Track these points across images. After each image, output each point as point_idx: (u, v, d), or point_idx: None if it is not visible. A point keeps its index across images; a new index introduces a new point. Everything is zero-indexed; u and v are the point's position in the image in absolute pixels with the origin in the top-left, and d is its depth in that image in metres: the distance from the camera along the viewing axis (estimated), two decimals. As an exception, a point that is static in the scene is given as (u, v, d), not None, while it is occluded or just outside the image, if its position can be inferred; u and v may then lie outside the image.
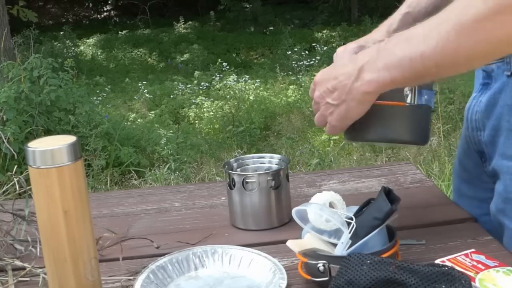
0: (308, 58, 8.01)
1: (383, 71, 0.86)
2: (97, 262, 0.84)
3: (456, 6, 0.80)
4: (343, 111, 0.93)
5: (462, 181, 1.17)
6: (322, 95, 0.95)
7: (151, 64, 9.62)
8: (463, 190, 1.17)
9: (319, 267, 0.83)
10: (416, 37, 0.83)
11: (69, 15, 15.12)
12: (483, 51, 0.80)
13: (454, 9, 0.80)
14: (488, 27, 0.77)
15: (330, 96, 0.94)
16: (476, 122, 1.04)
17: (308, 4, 12.33)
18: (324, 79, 0.97)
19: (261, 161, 1.18)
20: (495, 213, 1.02)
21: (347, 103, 0.92)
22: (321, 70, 0.99)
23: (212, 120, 5.91)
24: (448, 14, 0.80)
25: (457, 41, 0.79)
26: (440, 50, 0.80)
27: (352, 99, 0.91)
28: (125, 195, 1.35)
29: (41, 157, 0.77)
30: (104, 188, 4.20)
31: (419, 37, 0.83)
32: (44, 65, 4.67)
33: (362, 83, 0.89)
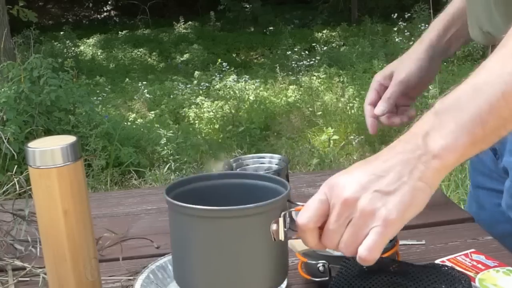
0: (308, 58, 8.01)
1: (459, 132, 0.66)
2: (97, 262, 0.84)
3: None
4: (407, 197, 0.66)
5: (480, 173, 1.16)
6: (357, 191, 0.67)
7: (151, 64, 9.62)
8: (481, 181, 1.16)
9: (319, 267, 0.83)
10: (486, 82, 0.68)
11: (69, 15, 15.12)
12: None
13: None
14: None
15: (379, 182, 0.67)
16: None
17: (308, 4, 12.33)
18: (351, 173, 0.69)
19: (261, 161, 1.18)
20: (505, 209, 1.03)
21: (411, 184, 0.66)
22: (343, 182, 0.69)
23: (212, 120, 5.91)
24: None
25: None
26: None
27: (419, 178, 0.66)
28: (125, 195, 1.35)
29: (41, 157, 0.77)
30: (104, 188, 4.20)
31: (491, 80, 0.68)
32: (44, 65, 4.67)
33: (435, 153, 0.66)
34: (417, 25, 8.15)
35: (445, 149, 0.66)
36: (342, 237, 0.68)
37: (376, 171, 0.68)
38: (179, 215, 0.72)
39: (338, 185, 0.68)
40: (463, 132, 0.66)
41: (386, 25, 9.62)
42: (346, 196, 0.67)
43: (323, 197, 0.69)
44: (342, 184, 0.68)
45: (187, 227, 0.71)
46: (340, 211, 0.67)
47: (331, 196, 0.68)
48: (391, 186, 0.66)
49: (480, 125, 0.66)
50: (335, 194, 0.68)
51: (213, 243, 0.69)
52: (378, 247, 0.66)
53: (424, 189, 0.67)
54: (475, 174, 1.19)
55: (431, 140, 0.67)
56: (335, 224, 0.67)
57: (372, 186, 0.67)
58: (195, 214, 0.69)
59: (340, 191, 0.67)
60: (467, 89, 0.68)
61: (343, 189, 0.67)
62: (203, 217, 0.69)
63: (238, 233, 0.69)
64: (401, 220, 0.66)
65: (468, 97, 0.68)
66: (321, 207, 0.68)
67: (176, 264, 0.75)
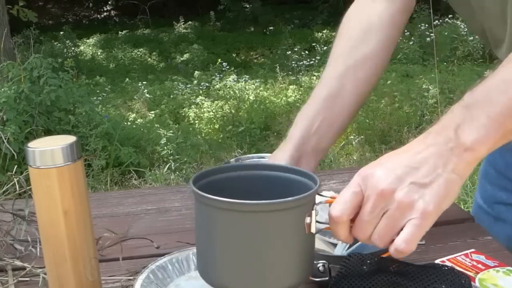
0: (308, 58, 8.01)
1: (490, 124, 0.68)
2: (97, 262, 0.84)
3: None
4: (442, 189, 0.67)
5: (502, 189, 1.14)
6: (394, 182, 0.67)
7: (151, 64, 9.62)
8: (502, 197, 1.14)
9: (319, 267, 0.83)
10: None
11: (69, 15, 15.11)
12: None
13: None
14: None
15: (415, 174, 0.67)
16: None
17: (308, 4, 12.32)
18: (384, 163, 0.70)
19: (261, 161, 1.18)
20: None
21: (446, 176, 0.67)
22: (377, 174, 0.69)
23: (212, 120, 5.91)
24: None
25: None
26: None
27: (452, 170, 0.67)
28: (125, 195, 1.35)
29: (41, 157, 0.77)
30: (104, 188, 4.20)
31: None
32: (44, 65, 4.67)
33: (467, 146, 0.68)
34: (417, 25, 8.14)
35: (477, 141, 0.68)
36: (376, 228, 0.68)
37: (410, 163, 0.68)
38: (209, 208, 0.70)
39: (373, 176, 0.68)
40: (494, 125, 0.68)
41: (386, 25, 9.60)
42: (382, 187, 0.67)
43: (357, 188, 0.69)
44: (377, 175, 0.68)
45: (219, 221, 0.70)
46: (376, 202, 0.67)
47: (366, 187, 0.68)
48: (427, 178, 0.67)
49: (511, 118, 0.68)
50: (370, 185, 0.68)
51: (246, 237, 0.69)
52: (415, 239, 0.67)
53: (456, 181, 0.68)
54: (493, 189, 1.16)
55: (463, 133, 0.68)
56: (370, 215, 0.68)
57: (408, 178, 0.67)
58: (230, 208, 0.68)
59: (376, 182, 0.68)
60: (497, 82, 0.69)
61: (378, 180, 0.68)
62: (237, 211, 0.68)
63: (273, 227, 0.68)
64: (437, 212, 0.68)
65: (499, 91, 0.69)
66: (355, 199, 0.69)
67: (201, 257, 0.74)
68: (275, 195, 0.69)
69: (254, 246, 0.69)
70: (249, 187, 0.78)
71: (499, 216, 1.15)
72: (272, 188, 0.76)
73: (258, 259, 0.69)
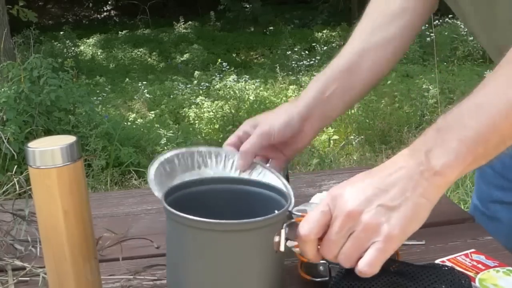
0: (308, 58, 8.01)
1: (460, 149, 0.67)
2: (97, 262, 0.84)
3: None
4: (410, 212, 0.67)
5: (498, 188, 1.15)
6: (362, 204, 0.67)
7: (151, 64, 9.62)
8: (498, 196, 1.15)
9: (319, 267, 0.83)
10: (490, 102, 0.68)
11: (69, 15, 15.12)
12: None
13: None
14: None
15: (383, 197, 0.67)
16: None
17: (308, 4, 12.33)
18: (354, 184, 0.70)
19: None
20: None
21: (415, 201, 0.67)
22: (345, 195, 0.69)
23: (212, 120, 5.91)
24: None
25: None
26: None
27: (421, 194, 0.67)
28: (125, 195, 1.35)
29: (41, 157, 0.77)
30: (104, 188, 4.20)
31: (495, 100, 0.68)
32: (44, 65, 4.67)
33: (437, 170, 0.67)
34: (417, 25, 8.13)
35: (447, 166, 0.67)
36: (342, 249, 0.68)
37: (380, 185, 0.68)
38: (177, 224, 0.70)
39: (342, 197, 0.69)
40: (466, 150, 0.67)
41: (386, 25, 9.60)
42: (350, 209, 0.67)
43: (326, 208, 0.69)
44: (346, 196, 0.68)
45: (187, 238, 0.70)
46: (343, 223, 0.68)
47: (334, 207, 0.69)
48: (395, 201, 0.67)
49: (482, 143, 0.67)
50: (339, 205, 0.68)
51: (214, 255, 0.69)
52: (378, 263, 0.67)
53: (425, 205, 0.68)
54: (489, 189, 1.17)
55: (434, 157, 0.67)
56: (337, 235, 0.68)
57: (376, 200, 0.67)
58: (197, 226, 0.68)
59: (344, 203, 0.68)
60: (470, 106, 0.69)
61: (347, 201, 0.68)
62: (204, 229, 0.68)
63: (240, 246, 0.68)
64: (402, 236, 0.68)
65: (471, 115, 0.68)
66: (323, 219, 0.69)
67: (170, 272, 0.75)
68: (247, 211, 0.70)
69: (221, 264, 0.69)
70: (227, 200, 0.78)
71: (495, 215, 1.16)
72: (248, 204, 0.77)
73: (226, 277, 0.69)
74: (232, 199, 0.78)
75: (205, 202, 0.76)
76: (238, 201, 0.78)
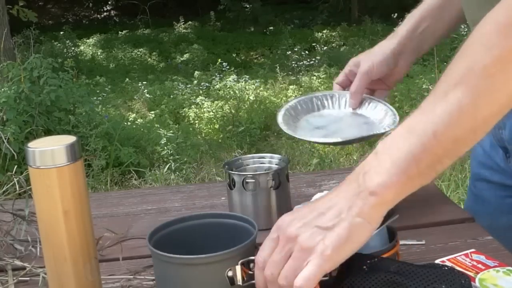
0: (308, 58, 8.01)
1: (393, 169, 0.69)
2: (97, 262, 0.84)
3: (457, 70, 0.71)
4: (344, 232, 0.69)
5: (485, 167, 1.18)
6: (299, 227, 0.72)
7: (151, 64, 9.62)
8: (485, 175, 1.18)
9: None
10: (419, 123, 0.71)
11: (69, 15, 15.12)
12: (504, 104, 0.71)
13: (456, 73, 0.71)
14: (502, 79, 0.68)
15: (320, 219, 0.71)
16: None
17: (308, 4, 12.33)
18: (299, 211, 0.75)
19: (261, 161, 1.18)
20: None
21: (349, 220, 0.69)
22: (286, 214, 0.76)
23: (212, 120, 5.91)
24: (450, 81, 0.71)
25: (473, 104, 0.68)
26: (455, 121, 0.69)
27: (357, 213, 0.69)
28: (125, 195, 1.35)
29: (41, 157, 0.77)
30: (104, 188, 4.20)
31: (423, 121, 0.70)
32: (44, 65, 4.67)
33: (371, 190, 0.69)
34: (417, 25, 8.14)
35: (380, 185, 0.69)
36: (283, 270, 0.71)
37: (319, 209, 0.72)
38: (154, 258, 0.80)
39: (284, 222, 0.74)
40: (398, 170, 0.69)
41: (386, 25, 9.60)
42: (289, 231, 0.72)
43: (274, 235, 0.74)
44: (288, 221, 0.74)
45: (158, 269, 0.80)
46: (283, 244, 0.72)
47: (279, 231, 0.74)
48: (330, 222, 0.70)
49: (414, 163, 0.69)
50: (281, 229, 0.73)
51: (172, 284, 0.77)
52: (313, 278, 0.70)
53: (362, 225, 0.70)
54: (478, 167, 1.20)
55: (368, 177, 0.70)
56: (278, 256, 0.72)
57: (314, 222, 0.71)
58: (166, 260, 0.77)
59: (285, 227, 0.73)
60: (402, 130, 0.72)
61: (288, 225, 0.73)
62: (162, 260, 0.77)
63: (197, 279, 0.76)
64: (336, 255, 0.70)
65: (403, 138, 0.71)
66: (273, 245, 0.74)
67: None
68: (222, 243, 0.79)
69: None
70: (205, 235, 0.86)
71: (481, 193, 1.19)
72: (221, 236, 0.85)
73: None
74: (209, 233, 0.86)
75: (187, 238, 0.85)
76: (215, 234, 0.86)
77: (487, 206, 1.17)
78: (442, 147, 0.69)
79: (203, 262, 0.76)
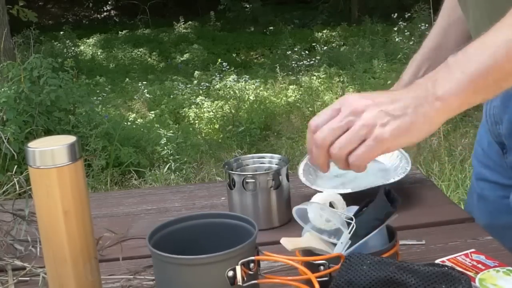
0: (308, 58, 8.00)
1: (462, 79, 0.75)
2: (97, 262, 0.84)
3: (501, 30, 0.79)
4: (406, 124, 0.76)
5: (484, 166, 1.21)
6: (368, 104, 0.77)
7: (151, 64, 9.61)
8: (485, 174, 1.21)
9: (319, 267, 0.83)
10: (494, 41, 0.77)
11: (69, 15, 15.11)
12: None
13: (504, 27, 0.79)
14: None
15: (388, 106, 0.76)
16: (494, 117, 1.09)
17: (308, 4, 12.32)
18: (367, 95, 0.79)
19: (261, 161, 1.18)
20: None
21: (413, 116, 0.76)
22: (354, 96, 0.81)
23: (212, 120, 5.91)
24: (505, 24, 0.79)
25: None
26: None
27: (422, 113, 0.76)
28: (125, 195, 1.36)
29: (41, 157, 0.77)
30: (104, 188, 4.20)
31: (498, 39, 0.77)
32: (44, 65, 4.66)
33: (438, 95, 0.75)
34: (417, 25, 8.14)
35: (447, 92, 0.76)
36: (338, 139, 0.77)
37: (388, 97, 0.78)
38: (154, 258, 0.80)
39: (351, 97, 0.79)
40: (467, 79, 0.76)
41: (386, 25, 9.61)
42: (356, 105, 0.77)
43: (336, 106, 0.79)
44: (355, 98, 0.79)
45: (158, 270, 0.80)
46: (346, 114, 0.77)
47: (344, 104, 0.79)
48: (396, 111, 0.76)
49: (484, 75, 0.76)
50: (347, 103, 0.79)
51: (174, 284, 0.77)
52: (365, 157, 0.76)
53: (424, 124, 0.77)
54: (479, 166, 1.23)
55: (438, 84, 0.77)
56: (337, 124, 0.77)
57: (381, 106, 0.77)
58: (165, 260, 0.77)
59: (352, 101, 0.79)
60: (476, 44, 0.78)
61: (354, 100, 0.79)
62: (163, 261, 0.77)
63: (198, 279, 0.76)
64: (391, 142, 0.77)
65: (476, 52, 0.77)
66: (333, 114, 0.79)
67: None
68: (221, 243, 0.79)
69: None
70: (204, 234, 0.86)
71: (482, 193, 1.22)
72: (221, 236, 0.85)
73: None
74: (208, 233, 0.87)
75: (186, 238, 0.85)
76: (214, 234, 0.86)
77: (488, 205, 1.19)
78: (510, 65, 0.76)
79: (203, 262, 0.76)
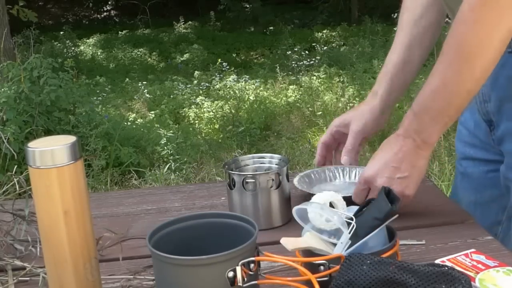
0: (308, 58, 8.00)
1: (436, 125, 1.02)
2: (97, 262, 0.84)
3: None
4: (417, 176, 1.05)
5: (470, 145, 1.28)
6: (386, 182, 1.03)
7: (151, 64, 9.61)
8: (469, 152, 1.28)
9: (319, 267, 0.83)
10: (447, 84, 1.03)
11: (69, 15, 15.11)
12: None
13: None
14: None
15: (398, 172, 1.04)
16: (483, 95, 1.15)
17: (308, 4, 12.33)
18: (380, 167, 1.06)
19: (261, 161, 1.18)
20: (505, 172, 1.15)
21: (417, 168, 1.04)
22: (367, 167, 1.09)
23: (212, 120, 5.91)
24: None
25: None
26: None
27: (421, 160, 1.04)
28: (125, 195, 1.36)
29: (41, 157, 0.77)
30: (104, 188, 4.20)
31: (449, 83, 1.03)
32: (44, 65, 4.66)
33: (427, 143, 1.03)
34: (417, 25, 8.13)
35: (433, 137, 1.04)
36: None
37: (392, 163, 1.05)
38: (154, 259, 0.80)
39: (370, 176, 1.08)
40: (438, 125, 1.03)
41: (386, 25, 9.61)
42: (379, 183, 1.05)
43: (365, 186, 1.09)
44: (373, 175, 1.07)
45: (158, 270, 0.80)
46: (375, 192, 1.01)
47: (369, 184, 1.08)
48: (406, 172, 1.04)
49: (445, 115, 1.03)
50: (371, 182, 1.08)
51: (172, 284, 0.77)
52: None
53: (425, 164, 1.05)
54: (463, 146, 1.30)
55: (422, 135, 1.03)
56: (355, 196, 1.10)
57: (394, 175, 1.04)
58: (161, 259, 0.77)
59: (373, 180, 1.07)
60: (428, 94, 1.04)
61: (375, 179, 1.07)
62: (162, 261, 0.77)
63: (198, 280, 0.76)
64: (414, 190, 1.06)
65: (431, 99, 1.03)
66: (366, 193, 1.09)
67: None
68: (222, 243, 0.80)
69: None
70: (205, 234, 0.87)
71: (466, 170, 1.29)
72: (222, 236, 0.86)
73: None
74: (209, 233, 0.87)
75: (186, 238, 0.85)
76: (215, 234, 0.86)
77: (472, 182, 1.27)
78: (460, 97, 1.01)
79: (204, 263, 0.76)
